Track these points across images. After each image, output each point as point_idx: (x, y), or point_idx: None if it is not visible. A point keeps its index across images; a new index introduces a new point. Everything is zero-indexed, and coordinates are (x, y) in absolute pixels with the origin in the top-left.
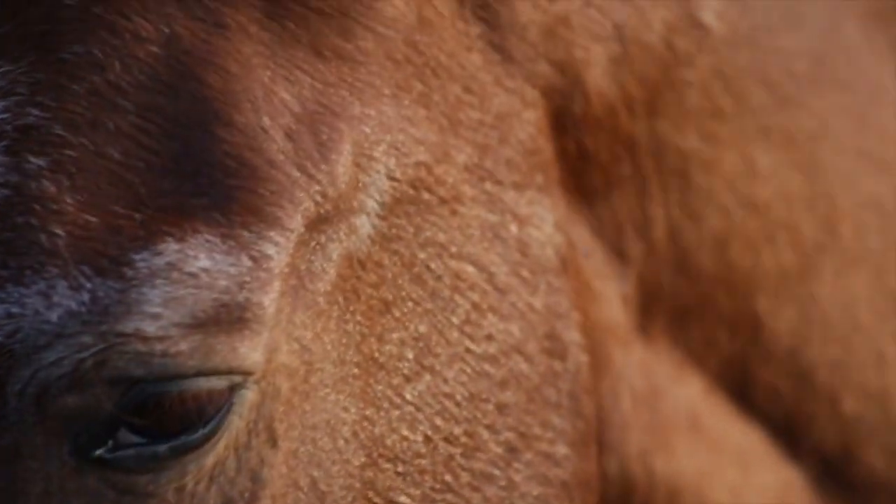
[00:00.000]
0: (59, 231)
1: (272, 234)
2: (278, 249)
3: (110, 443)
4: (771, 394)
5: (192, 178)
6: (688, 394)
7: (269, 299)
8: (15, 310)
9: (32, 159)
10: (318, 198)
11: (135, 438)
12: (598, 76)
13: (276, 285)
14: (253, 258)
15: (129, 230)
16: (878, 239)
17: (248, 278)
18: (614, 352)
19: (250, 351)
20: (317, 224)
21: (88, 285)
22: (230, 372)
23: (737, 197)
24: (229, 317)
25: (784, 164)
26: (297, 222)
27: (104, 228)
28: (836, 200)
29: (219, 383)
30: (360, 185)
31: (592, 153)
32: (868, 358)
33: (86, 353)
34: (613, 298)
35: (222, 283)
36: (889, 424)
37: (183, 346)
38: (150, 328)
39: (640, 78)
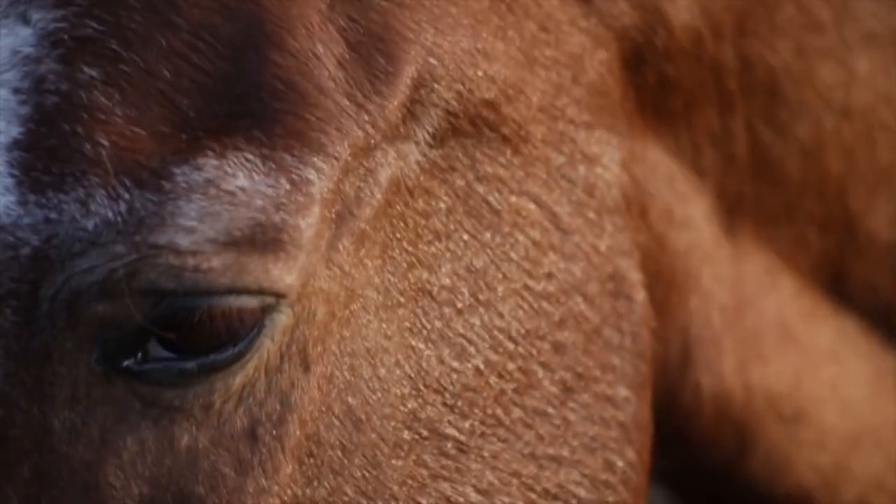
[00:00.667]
0: (103, 141)
1: (315, 159)
2: (320, 175)
3: (139, 355)
4: (868, 287)
5: (239, 99)
6: (777, 301)
7: (306, 223)
8: (53, 215)
9: (86, 69)
10: (369, 128)
11: (164, 353)
12: (681, 9)
13: (316, 210)
14: (292, 181)
15: (172, 144)
16: None
17: (285, 201)
18: (701, 271)
19: (284, 273)
20: (366, 151)
21: (126, 196)
22: (261, 292)
23: (831, 106)
24: (264, 237)
25: (890, 65)
26: (343, 150)
27: (149, 141)
28: None
29: (249, 302)
30: (415, 115)
31: (673, 80)
32: None
33: (118, 263)
34: (696, 217)
35: (258, 202)
36: None
37: (215, 262)
38: (183, 241)
39: (729, 2)
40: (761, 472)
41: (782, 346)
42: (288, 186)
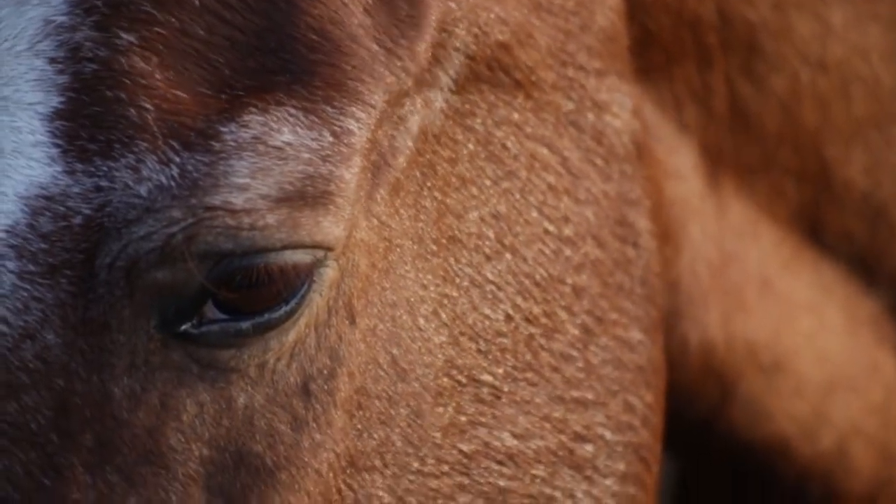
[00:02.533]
0: (147, 105)
1: (353, 109)
2: (360, 125)
3: (196, 318)
4: (844, 235)
5: (274, 53)
6: (758, 253)
7: (350, 174)
8: (104, 183)
9: (122, 35)
10: (400, 73)
11: (219, 315)
12: None
13: (357, 160)
14: (334, 133)
15: (215, 105)
16: None
17: (330, 152)
18: (691, 226)
19: (333, 226)
20: (398, 99)
21: (177, 159)
22: (315, 246)
23: (807, 60)
24: (314, 190)
25: (863, 17)
26: (378, 98)
27: (192, 102)
28: None
29: (304, 257)
30: (438, 60)
31: (655, 35)
32: None
33: (175, 228)
34: (684, 170)
35: (305, 155)
36: None
37: (270, 218)
38: (237, 200)
39: None
40: (741, 421)
41: (763, 298)
42: (331, 138)
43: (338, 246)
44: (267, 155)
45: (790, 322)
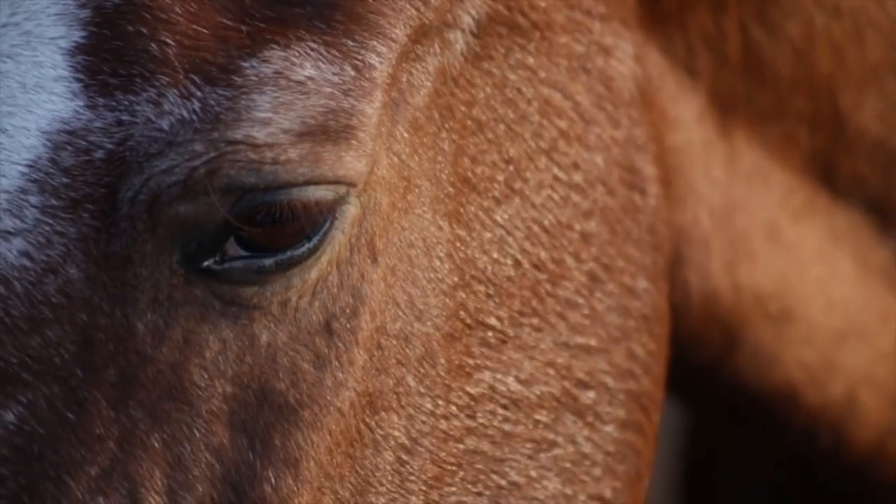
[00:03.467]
0: (169, 40)
1: (375, 43)
2: (381, 59)
3: (218, 255)
4: (858, 181)
5: None
6: (768, 201)
7: (372, 109)
8: (125, 117)
9: None
10: (420, 6)
11: (241, 252)
12: None
13: (379, 95)
14: (356, 67)
15: (237, 40)
16: None
17: (352, 87)
18: (693, 172)
19: (355, 161)
20: (418, 34)
21: (199, 93)
22: (337, 181)
23: (821, 4)
24: (336, 124)
25: None
26: (399, 32)
27: (212, 38)
28: None
29: (326, 193)
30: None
31: None
32: None
33: (198, 161)
34: (688, 118)
35: (328, 90)
36: None
37: (292, 153)
38: (259, 134)
39: None
40: (749, 368)
41: (771, 246)
42: (353, 73)
43: (360, 182)
44: (289, 89)
45: (800, 270)
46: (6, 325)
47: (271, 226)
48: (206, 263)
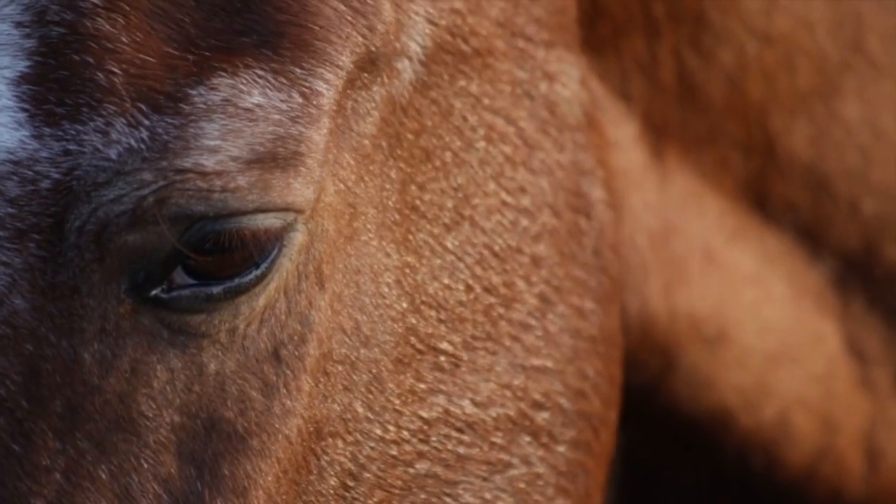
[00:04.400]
0: (115, 69)
1: (322, 70)
2: (328, 86)
3: (166, 283)
4: (789, 205)
5: (241, 13)
6: (702, 225)
7: (319, 136)
8: (72, 147)
9: None
10: (366, 33)
11: (189, 280)
12: None
13: (326, 122)
14: (303, 94)
15: (184, 68)
16: None
17: (300, 114)
18: (631, 196)
19: (303, 187)
20: (364, 63)
21: (146, 122)
22: (286, 208)
23: (753, 32)
24: (285, 151)
25: None
26: (346, 59)
27: (159, 66)
28: (863, 17)
29: (275, 221)
30: (403, 26)
31: (603, 6)
32: (891, 162)
33: (146, 191)
34: (625, 141)
35: (276, 117)
36: None
37: (241, 180)
38: (208, 162)
39: None
40: (683, 392)
41: (706, 269)
42: (300, 100)
43: (307, 209)
44: (237, 117)
45: (734, 293)
46: None
47: (220, 254)
48: (153, 292)
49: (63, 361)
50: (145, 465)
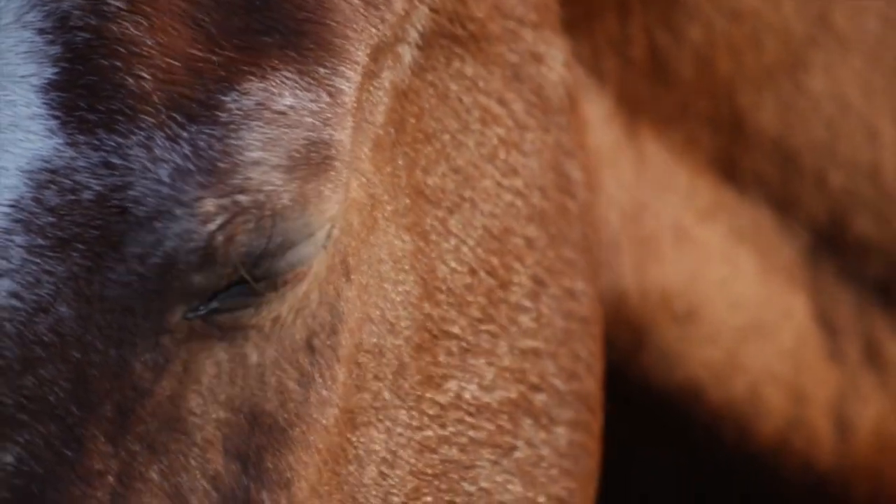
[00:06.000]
0: (144, 74)
1: (343, 68)
2: (349, 84)
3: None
4: (758, 180)
5: (260, 12)
6: (674, 201)
7: (346, 136)
8: (114, 160)
9: (110, 1)
10: (379, 25)
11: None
12: None
13: (350, 120)
14: (330, 94)
15: (210, 72)
16: (877, 21)
17: (329, 115)
18: (605, 174)
19: (333, 193)
20: (375, 53)
21: (185, 134)
22: (325, 222)
23: (721, 9)
24: (317, 157)
25: None
26: (362, 54)
27: (185, 71)
28: None
29: (318, 239)
30: (408, 12)
31: None
32: (858, 135)
33: (213, 226)
34: (597, 120)
35: (308, 120)
36: (880, 193)
37: (285, 198)
38: (254, 175)
39: None
40: (654, 368)
41: (677, 246)
42: (328, 99)
43: (339, 212)
44: (273, 122)
45: (705, 270)
46: (0, 366)
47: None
48: (207, 308)
49: (112, 368)
50: (194, 464)
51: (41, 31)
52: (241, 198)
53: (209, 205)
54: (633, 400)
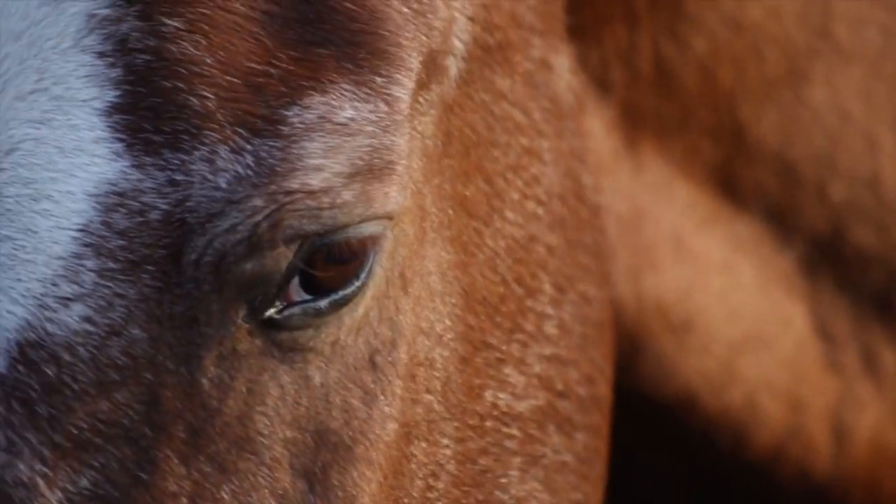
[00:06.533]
0: (207, 93)
1: (398, 76)
2: (404, 91)
3: (278, 304)
4: (757, 192)
5: (314, 24)
6: (673, 212)
7: (404, 142)
8: (179, 177)
9: (168, 21)
10: (427, 32)
11: (301, 296)
12: None
13: (406, 127)
14: (387, 102)
15: (271, 87)
16: (877, 31)
17: (388, 122)
18: (602, 182)
19: (398, 195)
20: (426, 63)
21: (249, 147)
22: (386, 217)
23: (725, 20)
24: (381, 162)
25: None
26: (414, 61)
27: (247, 88)
28: (830, 3)
29: (377, 228)
30: (451, 24)
31: None
32: (858, 146)
33: (259, 217)
34: (597, 130)
35: (369, 128)
36: (880, 204)
37: (346, 195)
38: (314, 181)
39: None
40: (649, 377)
41: (675, 256)
42: (385, 108)
43: (396, 215)
44: (335, 133)
45: (703, 281)
46: (74, 391)
47: (333, 266)
48: (268, 313)
49: (182, 388)
50: (263, 483)
51: (101, 55)
52: (292, 196)
53: (257, 200)
54: (632, 406)
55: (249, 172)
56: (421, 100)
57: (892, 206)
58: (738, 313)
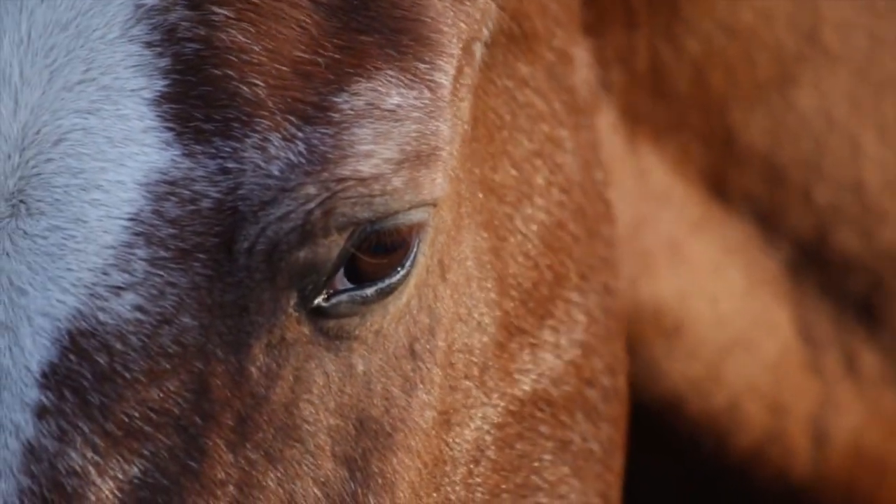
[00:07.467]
0: (258, 81)
1: (440, 62)
2: (446, 77)
3: (326, 292)
4: (746, 195)
5: (358, 11)
6: (669, 216)
7: (447, 127)
8: (231, 165)
9: (217, 10)
10: (466, 19)
11: (347, 284)
12: None
13: (449, 113)
14: (430, 88)
15: (319, 75)
16: (865, 37)
17: (432, 108)
18: (610, 181)
19: (444, 181)
20: (466, 47)
21: (300, 134)
22: (433, 203)
23: (719, 24)
24: (427, 148)
25: None
26: (455, 47)
27: (295, 76)
28: (819, 9)
29: (423, 215)
30: (486, 10)
31: None
32: (843, 151)
33: (312, 204)
34: (602, 129)
35: (415, 114)
36: (863, 208)
37: (396, 182)
38: (365, 168)
39: None
40: (637, 381)
41: (671, 262)
42: (430, 94)
43: (441, 202)
44: (384, 119)
45: (695, 286)
46: (126, 379)
47: (383, 254)
48: (316, 301)
49: (231, 376)
50: (307, 470)
51: (149, 45)
52: (344, 183)
53: (310, 188)
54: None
55: (302, 160)
56: (458, 85)
57: (875, 211)
58: (727, 318)
